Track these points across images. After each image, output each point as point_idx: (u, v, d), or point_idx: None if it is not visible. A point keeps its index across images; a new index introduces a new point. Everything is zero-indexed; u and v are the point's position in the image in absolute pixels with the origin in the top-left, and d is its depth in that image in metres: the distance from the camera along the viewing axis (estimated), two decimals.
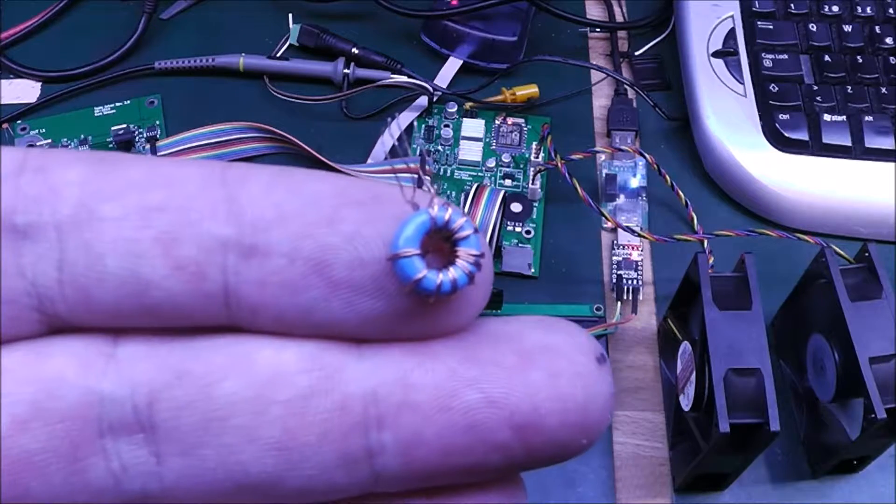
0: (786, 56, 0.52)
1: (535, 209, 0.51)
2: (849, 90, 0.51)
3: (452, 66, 0.56)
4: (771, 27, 0.53)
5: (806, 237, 0.44)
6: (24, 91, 0.55)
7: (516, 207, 0.50)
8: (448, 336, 0.14)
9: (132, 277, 0.13)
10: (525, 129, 0.54)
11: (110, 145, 0.52)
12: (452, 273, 0.13)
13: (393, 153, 0.51)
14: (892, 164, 0.49)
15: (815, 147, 0.50)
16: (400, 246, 0.13)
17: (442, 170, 0.52)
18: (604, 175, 0.52)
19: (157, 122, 0.53)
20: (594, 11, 0.60)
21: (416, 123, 0.54)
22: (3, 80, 0.55)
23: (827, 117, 0.50)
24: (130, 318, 0.13)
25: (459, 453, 0.13)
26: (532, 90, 0.54)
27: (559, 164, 0.48)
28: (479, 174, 0.52)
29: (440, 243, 0.13)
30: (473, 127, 0.53)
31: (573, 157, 0.49)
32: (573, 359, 0.13)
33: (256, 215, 0.13)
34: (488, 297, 0.14)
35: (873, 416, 0.36)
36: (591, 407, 0.13)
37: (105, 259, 0.13)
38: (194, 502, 0.14)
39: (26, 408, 0.13)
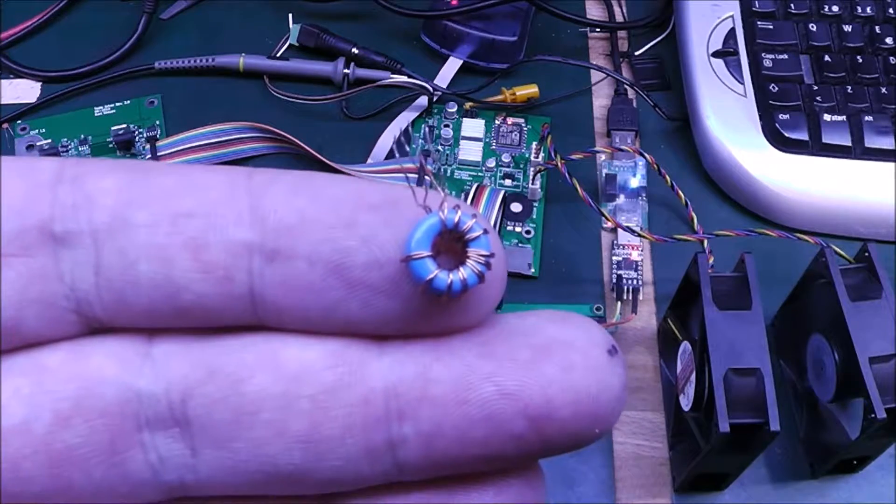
0: (786, 56, 0.52)
1: (535, 209, 0.51)
2: (849, 90, 0.51)
3: (452, 66, 0.56)
4: (771, 27, 0.53)
5: (806, 237, 0.44)
6: (24, 91, 0.55)
7: (516, 207, 0.50)
8: (465, 332, 0.14)
9: (164, 281, 0.14)
10: (525, 129, 0.54)
11: (110, 145, 0.52)
12: (462, 273, 0.13)
13: (392, 154, 0.51)
14: (892, 164, 0.49)
15: (815, 147, 0.50)
16: (412, 248, 0.13)
17: (442, 170, 0.52)
18: (604, 175, 0.52)
19: (157, 122, 0.53)
20: (594, 11, 0.60)
21: (412, 125, 0.54)
22: (3, 80, 0.55)
23: (827, 117, 0.50)
24: (163, 319, 0.14)
25: (477, 444, 0.14)
26: (532, 90, 0.54)
27: (559, 164, 0.48)
28: (479, 174, 0.52)
29: (452, 244, 0.14)
30: (473, 127, 0.53)
31: (573, 157, 0.49)
32: (586, 352, 0.14)
33: (279, 220, 0.14)
34: (503, 293, 0.14)
35: (873, 416, 0.36)
36: (602, 398, 0.14)
37: (138, 264, 0.14)
38: (227, 493, 0.14)
39: (68, 404, 0.14)
